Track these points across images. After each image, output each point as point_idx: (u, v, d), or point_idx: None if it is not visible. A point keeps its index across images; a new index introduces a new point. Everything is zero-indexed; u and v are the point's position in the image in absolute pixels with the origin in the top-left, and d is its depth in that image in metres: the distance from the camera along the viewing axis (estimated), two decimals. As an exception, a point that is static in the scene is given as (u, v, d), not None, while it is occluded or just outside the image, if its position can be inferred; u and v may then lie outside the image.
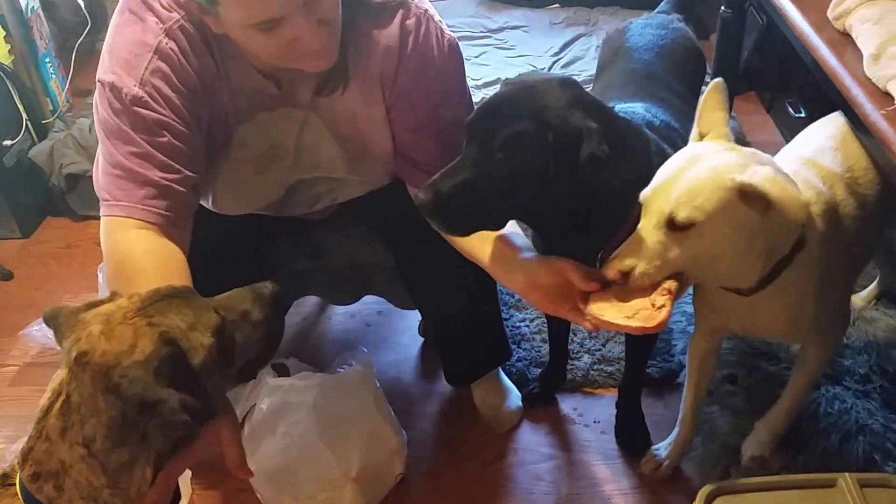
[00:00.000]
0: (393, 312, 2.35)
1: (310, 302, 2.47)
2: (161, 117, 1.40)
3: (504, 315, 2.33)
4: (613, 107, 1.54)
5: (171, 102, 1.41)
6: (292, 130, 1.60)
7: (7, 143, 2.83)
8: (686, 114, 1.78)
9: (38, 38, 3.09)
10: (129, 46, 1.41)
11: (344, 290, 2.18)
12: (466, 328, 2.00)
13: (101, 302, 1.13)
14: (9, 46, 2.98)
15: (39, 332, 2.43)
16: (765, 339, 2.06)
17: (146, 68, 1.40)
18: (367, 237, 1.97)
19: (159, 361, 1.04)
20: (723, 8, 2.44)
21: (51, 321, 1.14)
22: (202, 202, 1.63)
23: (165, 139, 1.40)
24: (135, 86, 1.39)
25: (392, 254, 1.93)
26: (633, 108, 1.69)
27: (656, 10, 2.21)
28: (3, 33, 2.97)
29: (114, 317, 1.08)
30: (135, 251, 1.35)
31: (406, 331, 2.38)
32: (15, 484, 1.09)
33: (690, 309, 2.17)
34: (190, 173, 1.43)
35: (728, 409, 1.98)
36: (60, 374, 1.08)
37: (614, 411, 2.02)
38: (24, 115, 2.90)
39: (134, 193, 1.39)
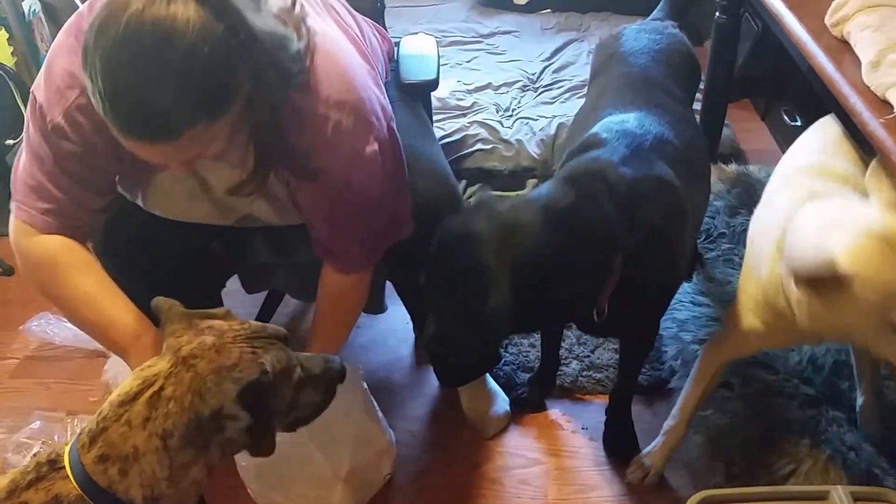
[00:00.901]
0: (383, 314, 2.23)
1: (295, 304, 2.36)
2: (76, 149, 1.39)
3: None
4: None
5: (87, 139, 1.38)
6: (222, 184, 1.50)
7: (9, 142, 2.73)
8: (683, 119, 1.68)
9: (39, 40, 2.99)
10: (64, 75, 1.37)
11: (308, 287, 2.05)
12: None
13: (216, 315, 1.21)
14: (11, 48, 2.89)
15: (39, 328, 2.36)
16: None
17: (73, 102, 1.36)
18: None
19: (248, 385, 1.10)
20: (718, 14, 2.33)
21: (161, 311, 1.21)
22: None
23: (77, 169, 1.41)
24: (59, 116, 1.37)
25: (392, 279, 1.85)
26: (626, 121, 1.57)
27: (650, 17, 2.09)
28: (7, 35, 2.88)
29: (226, 335, 1.15)
30: (51, 250, 1.44)
31: (395, 333, 2.27)
32: (64, 467, 1.10)
33: (681, 315, 2.09)
34: (95, 200, 1.47)
35: (724, 413, 1.86)
36: (156, 367, 1.13)
37: (603, 418, 1.90)
38: (26, 115, 2.77)
39: (38, 205, 1.43)
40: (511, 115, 2.95)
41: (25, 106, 2.72)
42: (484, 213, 1.38)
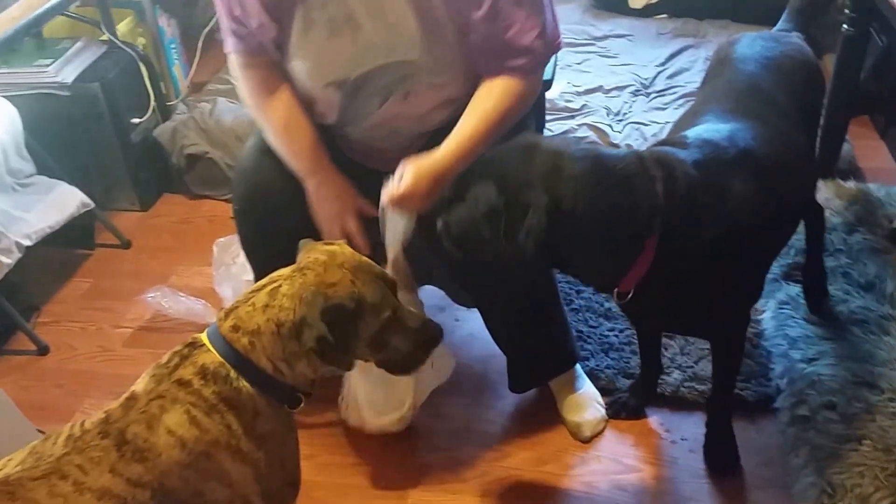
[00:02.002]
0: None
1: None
2: None
3: (592, 323, 2.22)
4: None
5: None
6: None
7: (135, 120, 2.83)
8: (782, 134, 1.63)
9: (166, 24, 3.10)
10: None
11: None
12: (524, 331, 1.89)
13: (335, 243, 1.39)
14: (140, 31, 3.00)
15: (154, 300, 2.45)
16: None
17: None
18: None
19: (334, 307, 1.27)
20: (845, 26, 2.25)
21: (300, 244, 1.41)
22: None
23: None
24: None
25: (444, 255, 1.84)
26: (717, 131, 1.55)
27: (776, 28, 2.01)
28: (137, 19, 3.00)
29: (336, 258, 1.33)
30: (250, 86, 1.73)
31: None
32: (204, 344, 1.29)
33: (793, 332, 2.04)
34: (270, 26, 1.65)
35: (827, 435, 1.80)
36: (283, 270, 1.33)
37: (703, 430, 1.87)
38: (152, 96, 2.89)
39: (230, 39, 1.70)
40: (622, 120, 2.92)
41: (153, 86, 2.86)
42: (556, 142, 1.45)
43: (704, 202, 1.44)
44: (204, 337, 1.30)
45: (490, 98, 1.65)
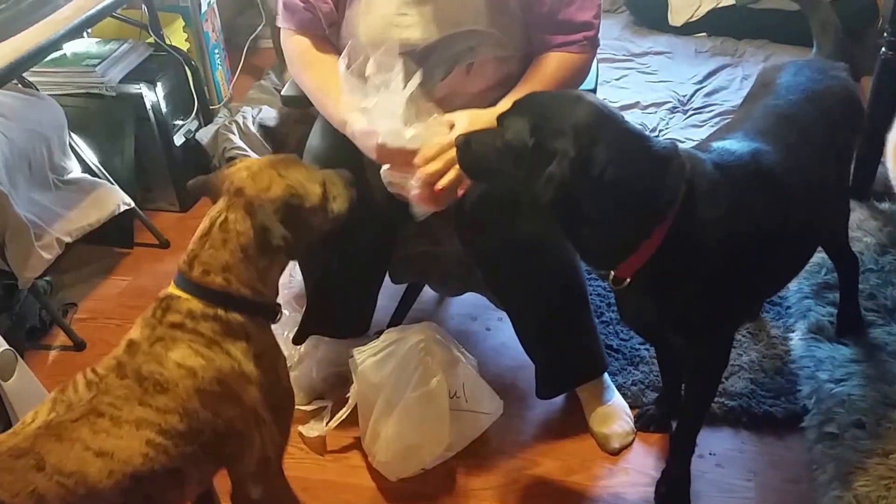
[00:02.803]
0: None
1: (430, 302, 2.43)
2: None
3: (623, 336, 2.23)
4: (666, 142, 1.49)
5: None
6: None
7: (178, 122, 2.88)
8: (811, 166, 1.63)
9: (211, 30, 3.16)
10: None
11: (449, 281, 2.13)
12: (552, 335, 1.91)
13: (234, 164, 1.48)
14: (186, 35, 3.06)
15: None
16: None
17: None
18: None
19: (282, 204, 1.40)
20: (884, 49, 2.25)
21: (200, 186, 1.48)
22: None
23: None
24: None
25: (475, 260, 1.87)
26: (742, 147, 1.56)
27: (812, 53, 1.97)
28: (183, 24, 3.05)
29: (253, 167, 1.43)
30: (293, 50, 1.81)
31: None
32: (179, 297, 1.37)
33: (820, 354, 2.04)
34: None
35: (856, 452, 1.79)
36: (216, 207, 1.41)
37: (731, 445, 1.89)
38: (196, 99, 2.94)
39: (286, 14, 1.79)
40: (658, 136, 2.93)
41: (196, 90, 2.91)
42: (606, 105, 1.45)
43: (721, 202, 1.46)
44: (174, 289, 1.39)
45: (548, 65, 1.72)
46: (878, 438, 1.80)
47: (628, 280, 1.50)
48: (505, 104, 1.56)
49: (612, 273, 1.52)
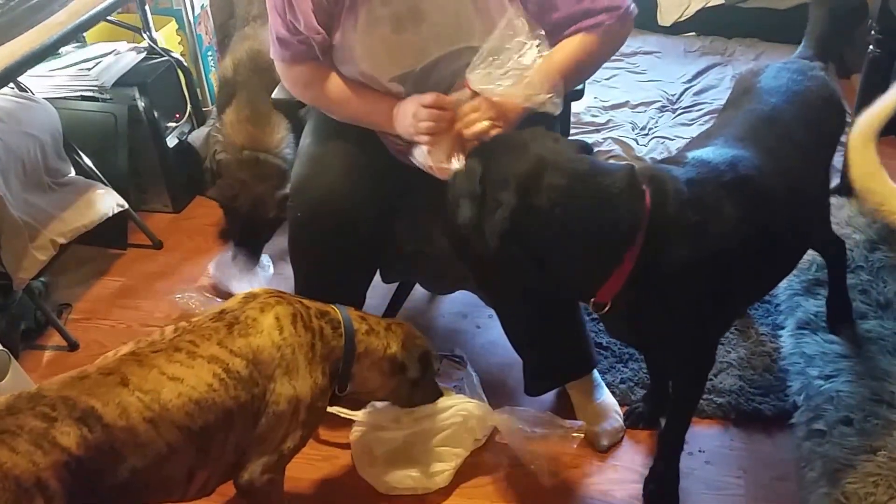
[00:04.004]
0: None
1: (420, 300, 2.42)
2: None
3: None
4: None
5: None
6: None
7: (171, 124, 2.87)
8: (794, 168, 1.62)
9: (205, 33, 3.15)
10: None
11: (442, 279, 2.12)
12: (540, 331, 1.91)
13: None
14: (179, 38, 3.05)
15: (182, 300, 2.47)
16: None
17: None
18: None
19: (424, 352, 1.78)
20: (872, 47, 2.25)
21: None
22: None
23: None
24: None
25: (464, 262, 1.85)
26: (718, 154, 1.55)
27: (797, 53, 1.96)
28: (177, 27, 3.04)
29: (403, 329, 1.78)
30: (305, 74, 1.80)
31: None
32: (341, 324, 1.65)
33: (810, 350, 2.03)
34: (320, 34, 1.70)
35: (843, 449, 1.79)
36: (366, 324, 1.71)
37: (720, 442, 1.88)
38: (189, 102, 2.94)
39: (279, 49, 1.77)
40: (647, 134, 2.93)
41: (189, 92, 2.91)
42: (550, 147, 1.45)
43: (691, 220, 1.44)
44: (336, 308, 1.66)
45: (572, 42, 1.70)
46: (866, 435, 1.80)
47: (609, 305, 1.50)
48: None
49: (592, 300, 1.51)
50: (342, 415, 1.94)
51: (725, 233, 1.47)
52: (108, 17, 2.62)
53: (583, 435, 1.92)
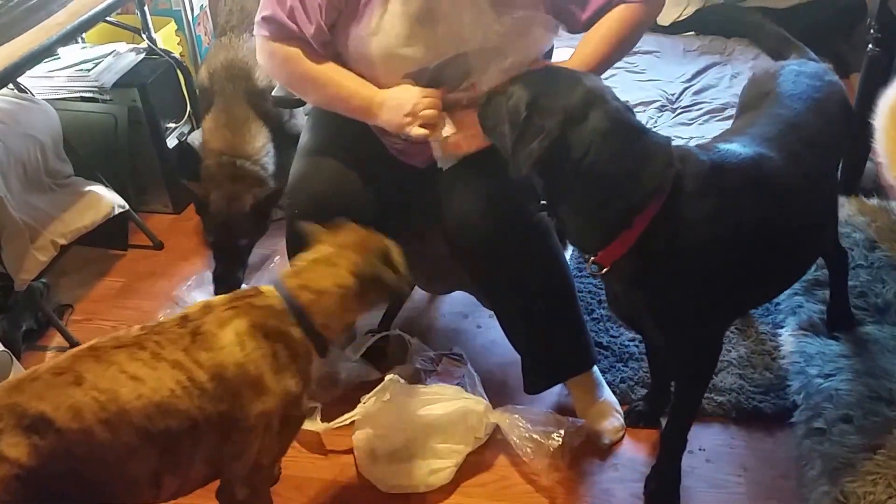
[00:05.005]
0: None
1: (420, 300, 2.43)
2: None
3: (613, 333, 2.23)
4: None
5: None
6: None
7: (171, 125, 2.88)
8: (813, 177, 1.64)
9: (204, 33, 3.16)
10: None
11: (438, 280, 2.14)
12: (539, 329, 1.91)
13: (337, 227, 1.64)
14: (179, 39, 3.06)
15: (183, 299, 2.49)
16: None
17: None
18: None
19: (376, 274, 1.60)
20: (871, 46, 2.25)
21: (308, 237, 1.64)
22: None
23: None
24: None
25: (461, 260, 1.87)
26: (743, 147, 1.58)
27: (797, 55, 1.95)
28: (176, 27, 3.05)
29: (353, 237, 1.62)
30: (291, 51, 1.74)
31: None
32: (263, 293, 1.54)
33: (810, 349, 2.03)
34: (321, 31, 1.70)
35: (843, 447, 1.79)
36: (327, 247, 1.60)
37: (721, 440, 1.88)
38: (188, 103, 2.94)
39: (274, 27, 1.73)
40: (647, 134, 2.93)
41: (189, 92, 2.91)
42: (604, 92, 1.47)
43: (707, 202, 1.47)
44: (267, 287, 1.55)
45: (606, 21, 1.72)
46: (865, 433, 1.80)
47: (606, 268, 1.51)
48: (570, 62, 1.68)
49: (592, 259, 1.53)
50: (345, 422, 1.95)
51: (737, 222, 1.49)
52: (108, 18, 2.62)
53: (584, 433, 1.92)
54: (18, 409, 1.26)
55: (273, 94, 2.09)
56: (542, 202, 1.62)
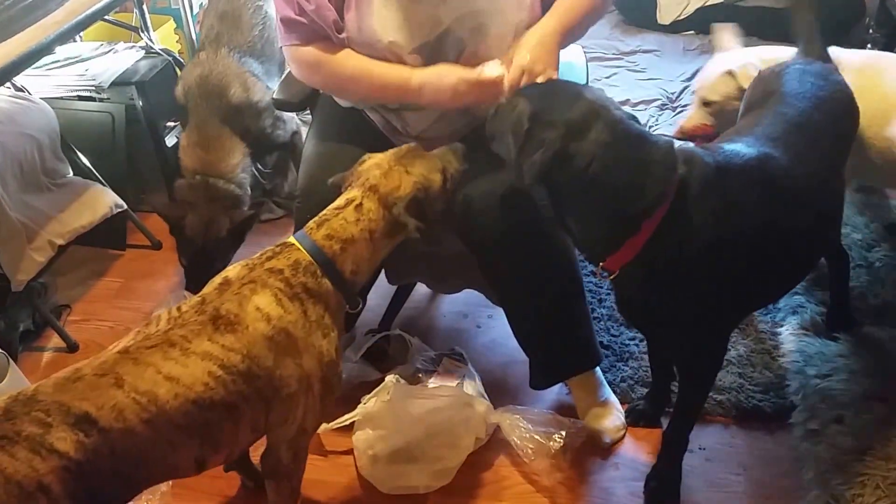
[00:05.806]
0: (503, 316, 2.27)
1: (421, 300, 2.43)
2: None
3: (614, 332, 2.23)
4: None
5: None
6: None
7: (170, 123, 2.88)
8: (818, 177, 1.64)
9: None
10: None
11: (448, 279, 2.14)
12: (547, 324, 1.91)
13: (365, 160, 1.67)
14: (177, 37, 3.06)
15: (181, 300, 2.44)
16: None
17: None
18: None
19: (410, 201, 1.60)
20: (870, 46, 2.26)
21: (339, 183, 1.67)
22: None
23: None
24: None
25: (473, 252, 1.88)
26: (748, 147, 1.58)
27: (797, 53, 1.98)
28: (175, 26, 3.05)
29: (384, 164, 1.63)
30: (314, 54, 1.77)
31: (516, 336, 2.28)
32: (293, 245, 1.54)
33: (809, 349, 2.04)
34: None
35: (835, 448, 1.80)
36: (352, 192, 1.61)
37: (721, 439, 1.89)
38: (186, 101, 2.94)
39: (289, 31, 1.77)
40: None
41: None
42: (605, 103, 1.48)
43: (713, 204, 1.48)
44: (294, 239, 1.56)
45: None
46: (856, 435, 1.82)
47: (614, 274, 1.53)
48: (545, 20, 1.72)
49: (601, 265, 1.54)
50: (345, 422, 1.96)
51: (743, 223, 1.50)
52: (106, 17, 2.62)
53: (585, 434, 1.93)
54: (64, 406, 1.30)
55: (274, 97, 2.08)
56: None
